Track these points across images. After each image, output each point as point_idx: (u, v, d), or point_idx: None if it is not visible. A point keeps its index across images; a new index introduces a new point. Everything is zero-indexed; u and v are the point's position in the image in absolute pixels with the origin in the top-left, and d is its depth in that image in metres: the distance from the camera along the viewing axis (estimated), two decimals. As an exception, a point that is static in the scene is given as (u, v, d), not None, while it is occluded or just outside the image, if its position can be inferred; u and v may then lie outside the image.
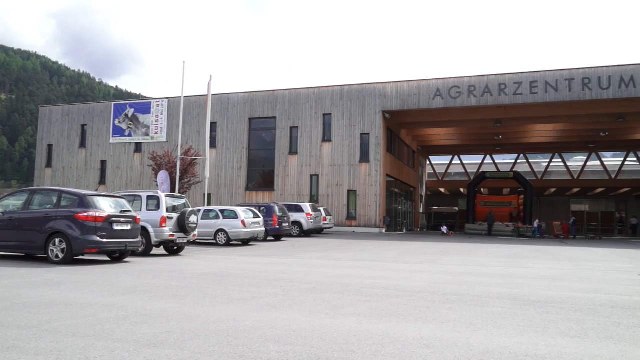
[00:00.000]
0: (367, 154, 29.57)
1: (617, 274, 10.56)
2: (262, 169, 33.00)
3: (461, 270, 10.90)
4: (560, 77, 26.17)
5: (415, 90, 28.72)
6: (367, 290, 7.59)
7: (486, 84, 27.27)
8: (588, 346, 4.58)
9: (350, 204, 29.76)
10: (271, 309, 6.12)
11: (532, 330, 5.15)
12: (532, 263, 12.92)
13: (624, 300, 7.08)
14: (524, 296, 7.30)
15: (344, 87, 30.73)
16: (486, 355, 4.24)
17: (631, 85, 24.92)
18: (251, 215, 18.22)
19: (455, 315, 5.87)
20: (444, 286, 8.20)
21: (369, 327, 5.20)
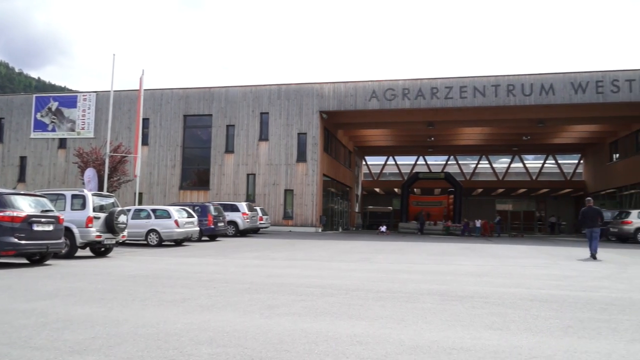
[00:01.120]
0: (304, 153, 29.67)
1: (536, 270, 11.26)
2: (197, 168, 32.24)
3: (394, 268, 11.19)
4: (487, 83, 27.54)
5: (352, 91, 29.17)
6: (302, 290, 7.61)
7: (419, 88, 28.19)
8: (509, 338, 4.85)
9: (287, 203, 29.73)
10: (204, 310, 5.98)
11: (458, 325, 5.38)
12: (460, 260, 13.50)
13: (542, 294, 7.55)
14: (452, 292, 7.61)
15: (281, 86, 30.66)
16: (416, 350, 4.38)
17: (550, 93, 26.67)
18: (185, 215, 17.74)
19: (387, 312, 6.01)
20: (377, 284, 8.38)
21: (303, 326, 5.21)
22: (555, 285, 8.56)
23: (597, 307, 6.54)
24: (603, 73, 26.33)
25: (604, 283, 9.00)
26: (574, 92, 26.35)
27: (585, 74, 26.56)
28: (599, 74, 26.34)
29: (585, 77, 26.42)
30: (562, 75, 26.78)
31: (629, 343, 4.72)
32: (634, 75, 25.79)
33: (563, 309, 6.33)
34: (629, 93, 25.73)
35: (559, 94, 26.52)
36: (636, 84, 25.64)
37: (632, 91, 25.66)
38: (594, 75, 26.35)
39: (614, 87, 25.90)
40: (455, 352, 4.30)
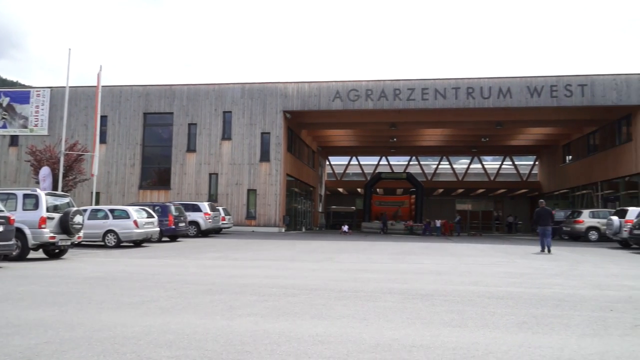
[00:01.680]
0: (267, 153, 29.51)
1: (493, 268, 11.58)
2: (158, 167, 31.56)
3: (357, 267, 11.28)
4: (448, 85, 28.14)
5: (316, 91, 29.22)
6: (264, 290, 7.56)
7: (382, 89, 28.52)
8: (467, 334, 4.96)
9: (250, 203, 29.50)
10: (163, 312, 5.86)
11: (419, 322, 5.47)
12: (421, 259, 13.75)
13: (499, 291, 7.78)
14: (413, 290, 7.73)
15: (245, 84, 30.39)
16: (377, 348, 4.42)
17: (508, 96, 27.50)
18: (144, 215, 17.33)
19: (349, 311, 6.05)
20: (340, 283, 8.42)
21: (265, 326, 5.18)
22: (511, 283, 8.83)
23: (550, 303, 6.79)
24: (557, 78, 27.35)
25: (556, 280, 9.35)
26: (530, 95, 27.25)
27: (541, 78, 27.52)
28: (553, 79, 27.34)
29: (540, 81, 27.37)
30: (519, 79, 27.66)
31: (580, 338, 4.92)
32: (586, 81, 26.91)
33: (518, 306, 6.53)
34: (581, 97, 26.82)
35: (516, 98, 27.38)
36: (588, 89, 26.76)
37: (584, 96, 26.77)
38: (548, 80, 27.34)
39: (567, 92, 26.94)
40: (415, 350, 4.37)
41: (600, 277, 9.99)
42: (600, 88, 26.68)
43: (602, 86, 26.68)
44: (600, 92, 26.64)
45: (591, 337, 4.96)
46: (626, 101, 26.37)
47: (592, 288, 8.37)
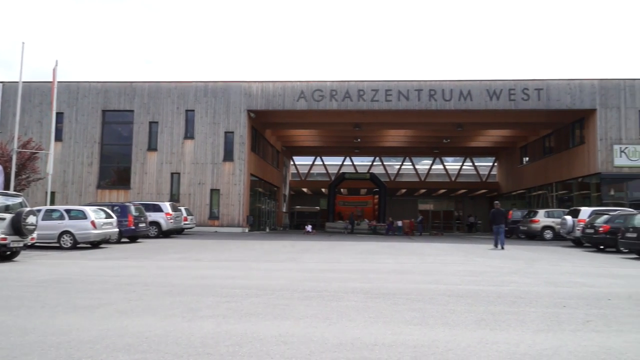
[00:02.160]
0: (231, 152, 29.20)
1: (453, 266, 11.84)
2: (117, 166, 30.73)
3: (320, 267, 11.31)
4: (411, 87, 28.58)
5: (280, 91, 29.12)
6: (227, 291, 7.48)
7: (347, 90, 28.70)
8: (428, 332, 5.05)
9: (213, 203, 29.12)
10: (122, 315, 5.70)
11: (381, 321, 5.53)
12: (384, 258, 13.91)
13: (459, 290, 7.96)
14: (376, 289, 7.81)
15: (208, 83, 29.97)
16: (339, 347, 4.44)
17: (468, 99, 28.18)
18: (103, 216, 16.82)
19: (312, 311, 6.05)
20: (303, 283, 8.42)
21: (227, 328, 5.13)
22: (470, 281, 9.05)
23: (507, 300, 6.99)
24: (515, 82, 28.21)
25: (513, 278, 9.64)
26: (489, 98, 28.00)
27: (500, 82, 28.32)
28: (511, 83, 28.19)
29: (499, 85, 28.17)
30: (479, 83, 28.38)
31: (535, 333, 5.09)
32: (542, 85, 27.88)
33: (477, 303, 6.70)
34: (537, 101, 27.77)
35: (476, 100, 28.08)
36: (544, 92, 27.73)
37: (540, 99, 27.73)
38: (507, 84, 28.17)
39: (524, 95, 27.83)
40: (377, 348, 4.42)
41: (554, 274, 10.37)
42: (555, 92, 27.69)
43: (557, 90, 27.70)
44: (555, 96, 27.64)
45: (545, 332, 5.14)
46: (579, 105, 27.47)
47: (547, 285, 8.67)
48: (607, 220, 18.26)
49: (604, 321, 5.71)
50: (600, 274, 10.59)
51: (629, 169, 26.72)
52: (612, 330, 5.29)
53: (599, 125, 27.06)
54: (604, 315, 6.02)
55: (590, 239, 18.89)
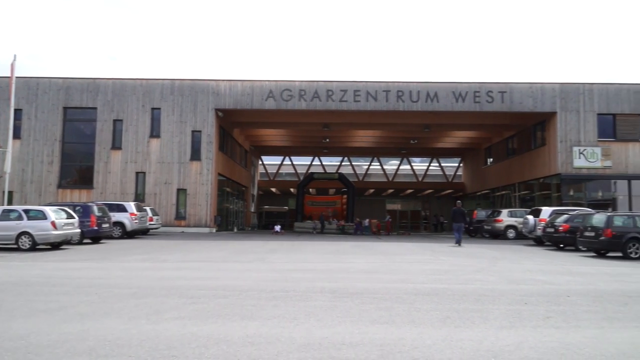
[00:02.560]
0: (198, 151, 28.80)
1: (420, 265, 12.02)
2: (80, 165, 29.84)
3: (288, 267, 11.28)
4: (379, 88, 28.85)
5: (249, 90, 28.90)
6: (193, 292, 7.37)
7: (315, 90, 28.73)
8: (394, 330, 5.11)
9: (179, 203, 28.65)
10: (83, 318, 5.54)
11: (348, 320, 5.56)
12: (352, 258, 13.99)
13: (425, 288, 8.08)
14: (344, 289, 7.85)
15: (175, 81, 29.47)
16: (307, 347, 4.44)
17: (435, 100, 28.65)
18: (64, 216, 16.31)
19: (280, 311, 6.03)
20: (271, 283, 8.38)
21: (193, 329, 5.05)
22: (436, 280, 9.20)
23: (471, 298, 7.14)
24: (480, 84, 28.85)
25: (477, 276, 9.85)
26: (455, 100, 28.54)
27: (465, 84, 28.91)
28: (476, 85, 28.81)
29: (465, 87, 28.75)
30: (445, 85, 28.88)
31: (498, 330, 5.22)
32: (505, 88, 28.60)
33: (442, 302, 6.81)
34: (501, 103, 28.47)
35: (443, 102, 28.57)
36: (507, 95, 28.45)
37: (504, 102, 28.44)
38: (472, 86, 28.77)
39: (489, 98, 28.49)
40: (344, 348, 4.44)
41: (517, 272, 10.66)
42: (518, 95, 28.45)
43: (520, 94, 28.47)
44: (518, 99, 28.41)
45: (508, 329, 5.27)
46: (541, 108, 28.32)
47: (509, 283, 8.90)
48: (567, 219, 18.88)
49: (563, 317, 5.90)
50: (560, 272, 10.94)
51: (587, 170, 27.71)
52: (571, 326, 5.47)
53: (559, 127, 27.97)
54: (563, 312, 6.22)
55: (550, 237, 19.50)
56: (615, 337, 4.98)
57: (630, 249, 15.12)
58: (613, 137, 27.92)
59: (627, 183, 27.82)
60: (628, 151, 27.78)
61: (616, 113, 28.00)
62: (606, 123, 28.10)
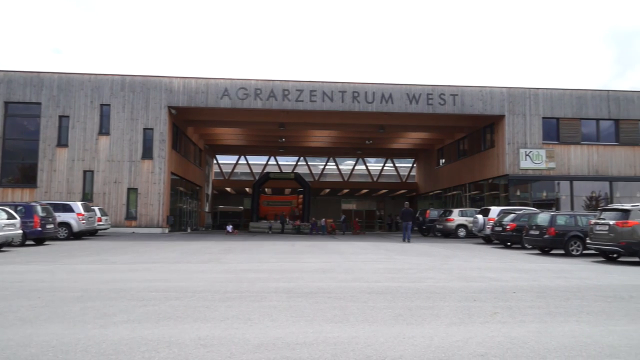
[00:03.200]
0: (150, 150, 28.05)
1: (374, 264, 12.17)
2: (22, 162, 28.43)
3: (243, 267, 11.16)
4: (335, 88, 29.03)
5: (203, 88, 28.41)
6: (144, 294, 7.16)
7: (271, 89, 28.59)
8: (348, 329, 5.15)
9: (130, 203, 27.81)
10: (25, 324, 5.28)
11: (303, 320, 5.55)
12: (308, 257, 14.01)
13: (378, 287, 8.19)
14: (298, 288, 7.84)
15: (125, 76, 28.57)
16: (260, 347, 4.40)
17: (390, 102, 29.13)
18: (4, 216, 15.46)
19: (234, 312, 5.96)
20: (225, 284, 8.27)
21: (143, 333, 4.91)
22: (390, 278, 9.35)
23: (423, 296, 7.30)
24: (433, 87, 29.56)
25: (429, 274, 10.09)
26: (409, 102, 29.12)
27: (419, 86, 29.55)
28: (429, 88, 29.50)
29: (418, 89, 29.38)
30: (399, 86, 29.42)
31: (448, 326, 5.35)
32: (457, 91, 29.45)
33: (395, 300, 6.93)
34: (452, 106, 29.29)
35: (397, 103, 29.09)
36: (458, 98, 29.30)
37: (455, 104, 29.28)
38: (425, 89, 29.45)
39: (441, 100, 29.25)
40: (298, 347, 4.43)
41: (467, 270, 10.99)
42: (469, 98, 29.36)
43: (471, 97, 29.39)
44: (469, 102, 29.32)
45: (457, 325, 5.42)
46: (490, 111, 29.33)
47: (460, 281, 9.17)
48: (514, 218, 19.65)
49: (509, 313, 6.13)
50: (507, 269, 11.37)
51: (533, 172, 28.94)
52: (516, 321, 5.69)
53: (507, 130, 29.06)
54: (509, 308, 6.46)
55: (498, 236, 20.24)
56: (557, 331, 5.21)
57: (572, 246, 15.90)
58: (556, 140, 29.30)
59: (569, 184, 29.27)
60: (570, 153, 29.21)
61: (559, 117, 29.40)
62: (550, 126, 29.46)
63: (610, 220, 13.58)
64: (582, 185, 29.30)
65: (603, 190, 29.39)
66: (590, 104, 29.52)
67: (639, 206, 13.71)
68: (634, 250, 12.89)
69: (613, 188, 29.32)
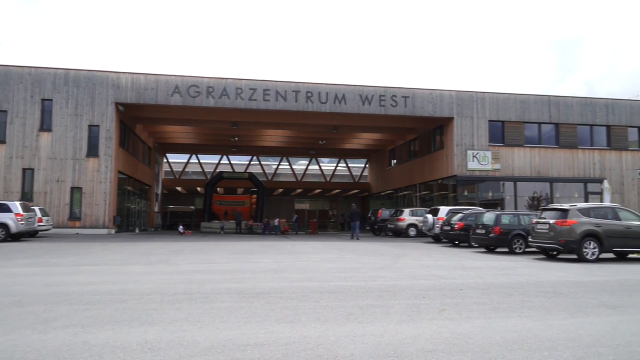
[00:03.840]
0: (96, 147, 27.00)
1: (327, 264, 12.24)
2: (-45, 159, 26.70)
3: (193, 268, 10.94)
4: (288, 88, 28.99)
5: (153, 84, 27.64)
6: (88, 298, 6.88)
7: (224, 87, 28.18)
8: (300, 329, 5.14)
9: (74, 202, 26.66)
10: (-45, 331, 4.94)
11: (254, 321, 5.50)
12: (260, 258, 13.90)
13: (330, 286, 8.23)
14: (250, 289, 7.76)
15: (69, 70, 27.36)
16: (210, 350, 4.33)
17: (343, 102, 29.38)
18: None
19: (183, 314, 5.83)
20: (175, 286, 8.07)
21: (86, 337, 4.71)
22: (342, 277, 9.42)
23: (374, 294, 7.40)
24: (385, 89, 30.06)
25: (380, 273, 10.24)
26: (362, 103, 29.49)
27: (371, 88, 29.97)
28: (381, 89, 29.98)
29: (371, 90, 29.80)
30: (352, 87, 29.73)
31: (398, 324, 5.45)
32: (408, 93, 30.09)
33: (347, 298, 6.99)
34: (404, 108, 29.91)
35: (350, 104, 29.39)
36: (410, 100, 29.95)
37: (407, 106, 29.91)
38: (377, 90, 29.90)
39: (393, 102, 29.80)
40: (249, 348, 4.38)
41: (416, 268, 11.24)
42: (419, 100, 30.06)
43: (421, 99, 30.11)
44: (420, 104, 30.02)
45: (407, 322, 5.53)
46: (440, 113, 30.16)
47: (409, 279, 9.36)
48: (461, 218, 20.29)
49: (456, 309, 6.31)
50: (455, 267, 11.71)
51: (480, 172, 29.98)
52: (462, 317, 5.87)
53: (456, 132, 29.97)
54: (456, 304, 6.66)
55: (447, 235, 20.83)
56: (501, 326, 5.42)
57: (516, 244, 16.59)
58: (502, 142, 30.48)
59: (513, 184, 30.52)
60: (514, 155, 30.47)
61: (504, 120, 30.60)
62: (496, 129, 30.62)
63: (550, 220, 14.26)
64: (525, 185, 30.63)
65: (544, 190, 30.84)
66: (533, 108, 30.90)
67: (577, 206, 14.48)
68: (572, 248, 13.60)
69: (553, 189, 30.82)
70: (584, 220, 13.77)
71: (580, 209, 14.21)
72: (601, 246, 13.61)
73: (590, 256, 13.50)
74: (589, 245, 13.56)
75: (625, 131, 31.98)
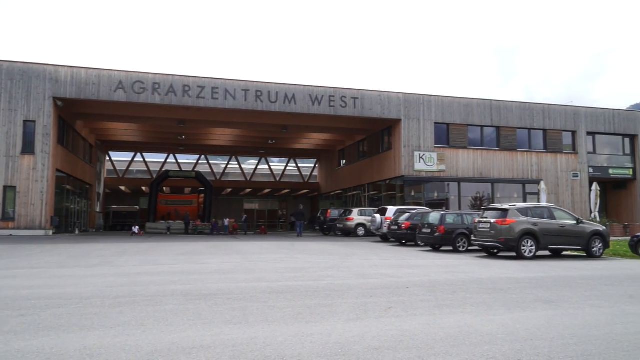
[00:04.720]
0: (32, 144, 25.58)
1: (276, 264, 12.18)
2: None
3: (137, 270, 10.59)
4: (238, 87, 28.62)
5: (95, 79, 26.52)
6: (21, 303, 6.50)
7: (171, 84, 27.45)
8: (247, 330, 5.09)
9: (7, 202, 25.15)
10: None
11: (200, 323, 5.39)
12: (207, 258, 13.64)
13: (279, 286, 8.20)
14: (197, 291, 7.60)
15: (2, 62, 25.79)
16: (154, 354, 4.20)
17: (293, 102, 29.35)
18: None
19: (126, 318, 5.62)
20: (117, 289, 7.78)
21: (20, 345, 4.45)
22: (291, 277, 9.41)
23: (323, 294, 7.44)
24: (335, 89, 30.29)
25: (329, 273, 10.31)
26: (311, 103, 29.57)
27: (321, 88, 30.10)
28: (331, 90, 30.19)
29: (321, 91, 29.94)
30: (302, 87, 29.76)
31: (345, 323, 5.50)
32: (358, 94, 30.47)
33: (295, 299, 6.98)
34: (353, 109, 30.26)
35: (300, 104, 29.40)
36: (359, 101, 30.34)
37: (356, 107, 30.28)
38: (327, 91, 30.08)
39: (342, 103, 30.07)
40: (195, 351, 4.29)
41: (365, 267, 11.39)
42: (368, 102, 30.50)
43: (370, 100, 30.56)
44: (369, 106, 30.46)
45: (354, 321, 5.59)
46: (388, 115, 30.72)
47: (358, 278, 9.47)
48: (408, 217, 20.75)
49: (402, 307, 6.45)
50: (402, 266, 11.97)
51: (426, 173, 30.79)
52: (408, 314, 6.00)
53: (403, 133, 30.62)
54: (403, 302, 6.80)
55: (394, 234, 21.25)
56: (445, 323, 5.58)
57: (459, 243, 17.16)
58: (447, 144, 31.44)
59: (457, 185, 31.55)
60: (459, 157, 31.50)
61: (449, 123, 31.57)
62: (441, 131, 31.55)
63: (491, 219, 14.86)
64: (469, 186, 31.73)
65: (486, 191, 32.07)
66: (476, 112, 32.07)
67: (516, 206, 15.16)
68: (511, 246, 14.23)
69: (495, 189, 32.11)
70: (522, 219, 14.44)
71: (519, 208, 14.89)
72: (538, 244, 14.31)
73: (528, 254, 14.17)
74: (527, 244, 14.23)
75: (560, 135, 33.80)
